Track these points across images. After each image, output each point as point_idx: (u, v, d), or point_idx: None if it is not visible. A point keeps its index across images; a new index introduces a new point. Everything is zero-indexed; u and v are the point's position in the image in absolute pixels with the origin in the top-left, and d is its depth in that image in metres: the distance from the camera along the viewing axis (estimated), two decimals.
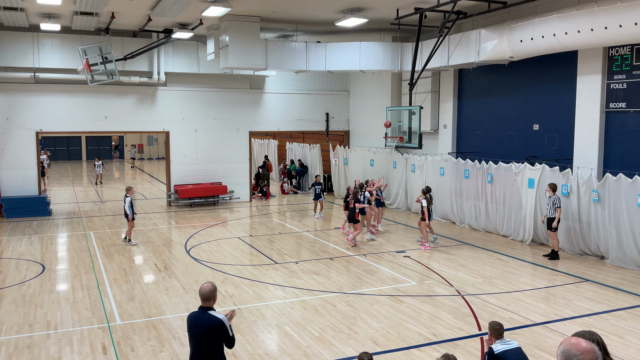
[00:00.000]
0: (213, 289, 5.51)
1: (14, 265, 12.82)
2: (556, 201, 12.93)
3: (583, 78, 14.15)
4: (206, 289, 5.48)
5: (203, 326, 5.39)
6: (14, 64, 18.66)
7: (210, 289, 5.49)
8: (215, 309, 5.55)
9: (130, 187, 14.75)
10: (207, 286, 5.51)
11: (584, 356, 2.78)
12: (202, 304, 5.50)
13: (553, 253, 13.23)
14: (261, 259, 13.35)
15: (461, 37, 16.07)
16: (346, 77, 24.37)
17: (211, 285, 5.52)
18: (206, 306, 5.49)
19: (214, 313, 5.46)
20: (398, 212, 19.87)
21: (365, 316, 9.38)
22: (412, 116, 17.03)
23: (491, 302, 10.09)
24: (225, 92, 22.04)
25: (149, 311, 9.67)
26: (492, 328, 5.89)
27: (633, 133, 13.30)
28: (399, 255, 13.67)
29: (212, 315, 5.43)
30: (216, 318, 5.41)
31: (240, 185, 22.43)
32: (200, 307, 5.52)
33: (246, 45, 17.19)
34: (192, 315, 5.56)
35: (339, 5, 15.52)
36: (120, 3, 15.09)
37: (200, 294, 5.50)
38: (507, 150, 16.91)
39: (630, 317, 9.34)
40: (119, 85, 19.97)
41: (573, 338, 2.91)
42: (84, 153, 46.22)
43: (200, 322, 5.41)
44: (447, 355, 5.11)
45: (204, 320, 5.41)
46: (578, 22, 12.46)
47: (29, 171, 19.40)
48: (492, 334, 5.86)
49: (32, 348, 8.11)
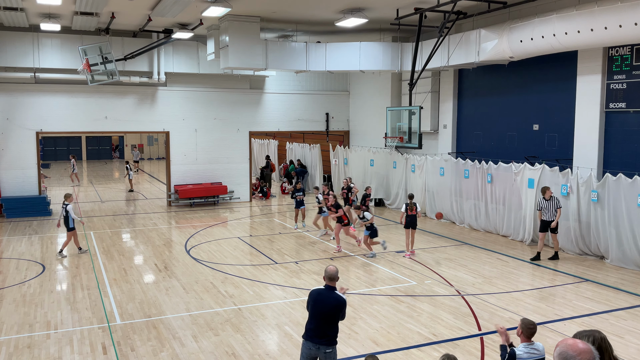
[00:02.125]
0: (337, 270, 6.24)
1: (14, 265, 12.82)
2: (558, 202, 12.93)
3: (583, 78, 14.15)
4: (333, 270, 6.20)
5: (330, 304, 6.10)
6: (14, 64, 18.66)
7: (336, 270, 6.22)
8: None
9: (69, 194, 13.69)
10: (333, 268, 6.23)
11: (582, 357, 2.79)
12: (328, 283, 6.22)
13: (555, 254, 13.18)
14: (261, 259, 13.35)
15: (461, 37, 16.08)
16: (346, 77, 24.37)
17: (336, 268, 6.23)
18: (332, 285, 6.21)
19: (338, 292, 6.20)
20: (398, 212, 19.86)
21: (365, 316, 9.39)
22: (412, 116, 17.04)
23: (491, 302, 10.09)
24: (225, 92, 22.04)
25: (149, 311, 9.68)
26: (525, 327, 5.31)
27: (633, 133, 13.31)
28: (399, 255, 13.67)
29: (338, 295, 6.17)
30: (341, 297, 6.17)
31: (240, 185, 22.43)
32: (326, 286, 6.23)
33: (246, 46, 17.20)
34: (318, 292, 6.25)
35: (339, 6, 15.52)
36: (120, 3, 15.10)
37: (327, 274, 6.19)
38: (507, 150, 16.91)
39: (630, 317, 9.35)
40: (119, 85, 19.98)
41: (570, 339, 2.92)
42: (84, 153, 46.20)
43: (327, 300, 6.13)
44: (447, 355, 4.91)
45: (331, 298, 6.13)
46: (578, 22, 12.46)
47: (29, 171, 19.40)
48: (526, 333, 5.30)
49: (32, 348, 8.11)
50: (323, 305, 6.12)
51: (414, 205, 13.57)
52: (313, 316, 6.17)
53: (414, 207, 13.56)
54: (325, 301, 6.14)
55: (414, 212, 13.49)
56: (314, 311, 6.16)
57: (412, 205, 13.57)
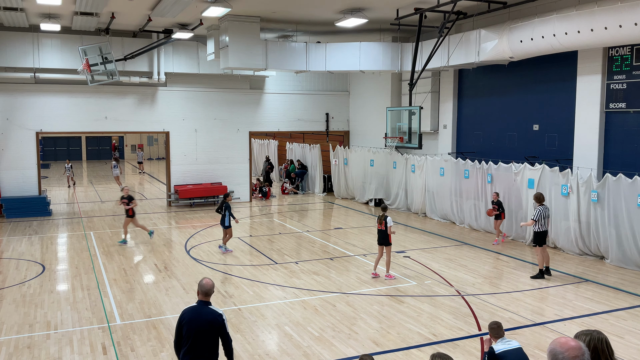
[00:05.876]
0: (213, 284, 5.63)
1: (14, 265, 12.82)
2: (543, 211, 11.49)
3: (583, 78, 14.15)
4: (209, 283, 5.57)
5: (205, 319, 5.43)
6: (14, 64, 18.66)
7: (212, 284, 5.61)
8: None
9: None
10: (209, 281, 5.59)
11: (569, 353, 2.86)
12: (202, 299, 5.56)
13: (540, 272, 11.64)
14: (261, 259, 13.35)
15: (461, 37, 16.08)
16: (346, 77, 24.37)
17: (212, 281, 5.63)
18: (206, 300, 5.56)
19: (214, 307, 5.55)
20: (398, 212, 19.87)
21: (365, 316, 9.38)
22: (412, 116, 17.03)
23: (491, 302, 10.09)
24: (225, 92, 22.04)
25: (149, 311, 9.68)
26: (492, 328, 5.88)
27: (633, 133, 13.31)
28: (399, 255, 13.67)
29: (213, 309, 5.52)
30: (218, 311, 5.51)
31: (240, 185, 22.43)
32: (199, 301, 5.57)
33: (246, 46, 17.20)
34: (190, 309, 5.56)
35: (339, 6, 15.52)
36: (120, 3, 15.10)
37: (202, 288, 5.54)
38: (507, 150, 16.91)
39: (630, 317, 9.35)
40: (119, 85, 19.98)
41: (562, 338, 3.00)
42: (84, 153, 46.21)
43: (202, 316, 5.45)
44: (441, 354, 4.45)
45: (206, 314, 5.46)
46: (578, 22, 12.46)
47: (29, 171, 19.40)
48: (493, 334, 5.85)
49: (32, 348, 8.11)
50: (197, 322, 5.41)
51: (383, 219, 11.42)
52: (188, 337, 5.41)
53: (383, 221, 11.40)
54: (200, 318, 5.42)
55: (382, 226, 11.43)
56: (188, 331, 5.40)
57: (381, 219, 11.46)
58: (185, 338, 5.46)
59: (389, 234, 11.39)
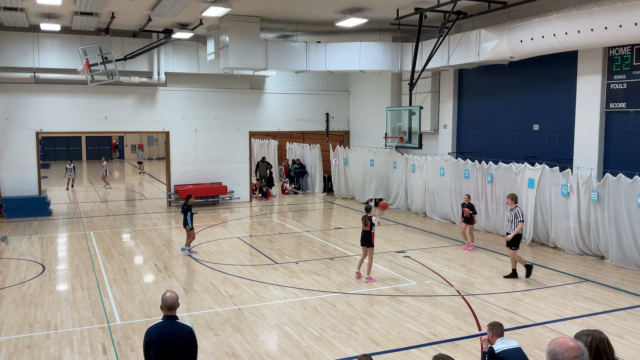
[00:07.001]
0: (177, 297, 5.34)
1: (14, 265, 12.82)
2: (518, 214, 11.40)
3: (583, 78, 14.15)
4: (173, 297, 5.26)
5: (177, 335, 5.12)
6: (14, 64, 18.66)
7: (176, 297, 5.31)
8: None
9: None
10: (172, 294, 5.28)
11: (568, 353, 2.87)
12: (167, 313, 5.23)
13: (513, 272, 11.62)
14: (261, 259, 13.35)
15: (461, 37, 16.07)
16: (346, 77, 24.37)
17: (175, 294, 5.33)
18: (172, 315, 5.26)
19: (182, 321, 5.29)
20: (398, 212, 19.87)
21: (365, 316, 9.38)
22: (412, 116, 17.02)
23: (491, 302, 10.09)
24: (225, 92, 22.04)
25: (149, 311, 9.67)
26: (493, 326, 5.88)
27: (633, 133, 13.31)
28: (399, 255, 13.67)
29: (183, 324, 5.25)
30: (188, 326, 5.24)
31: (240, 185, 22.43)
32: (165, 317, 5.25)
33: (246, 46, 17.19)
34: (156, 327, 5.21)
35: (339, 6, 15.52)
36: (120, 3, 15.10)
37: (165, 303, 5.23)
38: (507, 150, 16.91)
39: (630, 317, 9.35)
40: (119, 85, 19.98)
41: (561, 338, 3.01)
42: (84, 153, 46.21)
43: (172, 332, 5.14)
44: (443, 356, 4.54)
45: (176, 329, 5.16)
46: (578, 22, 12.46)
47: (29, 171, 19.40)
48: (492, 333, 5.85)
49: (32, 348, 8.11)
50: (166, 341, 5.07)
51: (368, 220, 11.25)
52: (155, 355, 5.09)
53: (368, 221, 11.24)
54: (168, 335, 5.10)
55: (367, 227, 11.27)
56: (157, 354, 5.07)
57: (366, 219, 11.29)
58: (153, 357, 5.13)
59: (372, 234, 11.34)
